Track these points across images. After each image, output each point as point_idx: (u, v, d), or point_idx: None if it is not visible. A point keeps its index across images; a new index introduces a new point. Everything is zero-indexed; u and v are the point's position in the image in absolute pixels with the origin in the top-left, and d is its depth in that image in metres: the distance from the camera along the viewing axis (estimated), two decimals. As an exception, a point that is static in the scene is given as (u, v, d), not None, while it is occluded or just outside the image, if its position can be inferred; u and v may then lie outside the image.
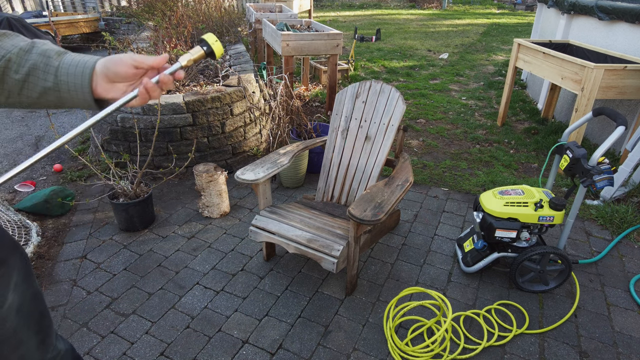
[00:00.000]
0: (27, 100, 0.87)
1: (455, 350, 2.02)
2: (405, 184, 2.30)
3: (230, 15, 6.56)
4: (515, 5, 16.23)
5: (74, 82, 0.85)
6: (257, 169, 2.38)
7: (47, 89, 0.85)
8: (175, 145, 3.50)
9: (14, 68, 0.83)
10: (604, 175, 2.12)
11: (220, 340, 2.07)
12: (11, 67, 0.83)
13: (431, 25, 12.36)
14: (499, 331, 2.14)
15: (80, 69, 0.85)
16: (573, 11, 4.52)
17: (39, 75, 0.84)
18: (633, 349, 2.05)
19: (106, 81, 0.87)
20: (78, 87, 0.86)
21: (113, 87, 0.87)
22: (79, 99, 0.88)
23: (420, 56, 8.34)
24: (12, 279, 1.02)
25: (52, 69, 0.84)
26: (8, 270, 1.01)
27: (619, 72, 3.28)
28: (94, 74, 0.86)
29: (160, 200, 3.27)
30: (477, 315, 2.23)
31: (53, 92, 0.87)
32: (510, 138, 4.51)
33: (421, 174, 3.73)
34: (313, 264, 2.61)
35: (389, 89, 2.68)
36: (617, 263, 2.65)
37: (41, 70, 0.84)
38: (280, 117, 3.74)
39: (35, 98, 0.87)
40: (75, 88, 0.86)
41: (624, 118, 2.11)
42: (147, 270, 2.54)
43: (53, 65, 0.84)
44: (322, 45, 4.43)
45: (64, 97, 0.87)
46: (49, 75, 0.85)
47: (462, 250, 2.61)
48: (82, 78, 0.85)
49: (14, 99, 0.87)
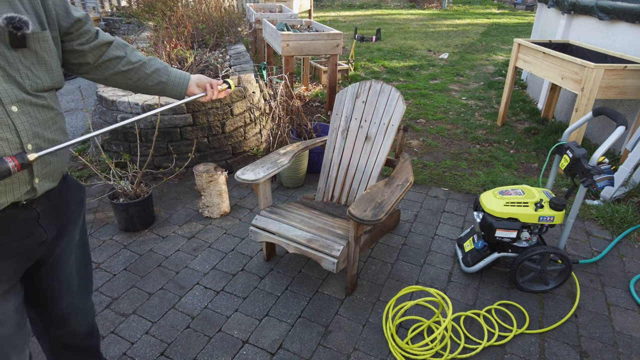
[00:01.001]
0: (143, 85, 1.46)
1: (455, 350, 2.02)
2: (406, 184, 2.30)
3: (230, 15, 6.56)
4: (515, 5, 16.23)
5: (179, 82, 1.51)
6: (257, 169, 2.38)
7: (161, 82, 1.48)
8: (175, 145, 3.50)
9: (146, 67, 1.44)
10: (604, 175, 2.12)
11: (220, 340, 2.07)
12: (144, 66, 1.43)
13: (431, 25, 12.36)
14: (499, 331, 2.14)
15: (184, 75, 1.52)
16: (573, 11, 4.52)
17: (160, 73, 1.47)
18: (633, 349, 2.05)
19: (195, 86, 1.55)
20: (180, 85, 1.51)
21: (196, 89, 1.55)
22: (175, 92, 1.52)
23: (420, 56, 8.35)
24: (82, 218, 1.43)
25: (168, 72, 1.49)
26: (83, 207, 1.43)
27: (619, 72, 3.28)
28: (190, 80, 1.53)
29: (160, 200, 3.27)
30: (478, 316, 2.23)
31: (163, 84, 1.48)
32: (511, 138, 4.51)
33: (421, 174, 3.73)
34: (313, 264, 2.61)
35: (389, 89, 2.68)
36: (617, 263, 2.65)
37: (162, 72, 1.47)
38: (280, 117, 3.74)
39: (150, 85, 1.47)
40: (179, 85, 1.51)
41: (624, 118, 2.11)
42: (147, 270, 2.54)
43: (169, 70, 1.49)
44: (322, 45, 4.43)
45: (167, 89, 1.50)
46: (165, 75, 1.48)
47: (462, 250, 2.61)
48: (184, 80, 1.52)
49: (138, 84, 1.45)
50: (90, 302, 1.56)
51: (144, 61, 1.43)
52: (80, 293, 1.47)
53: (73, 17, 1.21)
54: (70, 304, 1.44)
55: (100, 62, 1.34)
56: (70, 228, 1.35)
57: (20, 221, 1.15)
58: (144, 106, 3.37)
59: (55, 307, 1.41)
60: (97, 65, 1.33)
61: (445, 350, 2.02)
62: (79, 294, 1.47)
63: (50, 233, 1.26)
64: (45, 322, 1.46)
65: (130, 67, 1.40)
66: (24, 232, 1.17)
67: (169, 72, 1.48)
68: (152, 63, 1.45)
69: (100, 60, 1.33)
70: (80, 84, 6.31)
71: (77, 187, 1.39)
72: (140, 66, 1.42)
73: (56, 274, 1.36)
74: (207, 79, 1.56)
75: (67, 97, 5.71)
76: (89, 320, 1.57)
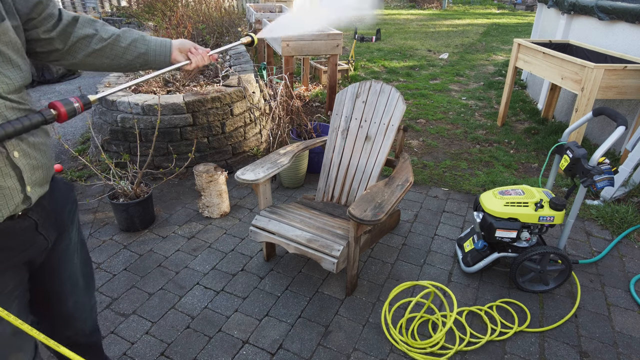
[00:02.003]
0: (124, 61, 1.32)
1: (454, 344, 2.02)
2: (406, 184, 2.30)
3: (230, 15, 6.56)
4: (515, 5, 16.23)
5: (161, 50, 1.37)
6: (257, 169, 2.38)
7: (141, 53, 1.33)
8: (175, 145, 3.50)
9: (121, 40, 1.29)
10: (604, 175, 2.12)
11: (220, 340, 2.07)
12: (119, 40, 1.29)
13: (431, 25, 12.36)
14: (501, 327, 2.15)
15: (164, 43, 1.38)
16: (573, 11, 4.52)
17: (137, 45, 1.32)
18: (633, 349, 2.05)
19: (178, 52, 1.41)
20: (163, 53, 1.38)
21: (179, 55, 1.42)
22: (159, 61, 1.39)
23: (420, 56, 8.35)
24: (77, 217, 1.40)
25: (146, 41, 1.34)
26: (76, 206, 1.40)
27: (619, 72, 3.28)
28: (173, 46, 1.39)
29: (160, 201, 3.27)
30: (480, 312, 2.23)
31: (144, 56, 1.34)
32: (511, 138, 4.51)
33: (421, 174, 3.73)
34: (313, 264, 2.61)
35: (389, 89, 2.68)
36: (617, 263, 2.65)
37: (140, 42, 1.33)
38: (280, 117, 3.74)
39: (130, 60, 1.32)
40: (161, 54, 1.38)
41: (624, 118, 2.11)
42: (147, 270, 2.54)
43: (147, 39, 1.34)
44: (322, 45, 4.43)
45: (149, 60, 1.36)
46: (144, 45, 1.33)
47: (462, 250, 2.61)
48: (166, 48, 1.38)
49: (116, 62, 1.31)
50: (93, 299, 1.57)
51: (117, 34, 1.29)
52: (85, 291, 1.48)
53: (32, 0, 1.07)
54: (76, 303, 1.45)
55: (70, 45, 1.20)
56: (69, 229, 1.35)
57: (19, 233, 1.12)
58: (143, 106, 3.37)
59: (63, 307, 1.41)
60: (67, 50, 1.20)
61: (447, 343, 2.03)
62: (84, 292, 1.48)
63: (51, 239, 1.24)
64: (52, 323, 1.46)
65: (103, 44, 1.25)
66: (25, 243, 1.15)
67: (148, 41, 1.34)
68: (127, 35, 1.31)
69: (69, 42, 1.19)
70: (80, 84, 6.30)
71: (66, 187, 1.36)
72: (114, 41, 1.27)
73: (61, 275, 1.35)
74: (190, 43, 1.43)
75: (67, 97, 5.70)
76: (93, 318, 1.59)
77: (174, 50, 1.39)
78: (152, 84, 3.80)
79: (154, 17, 6.33)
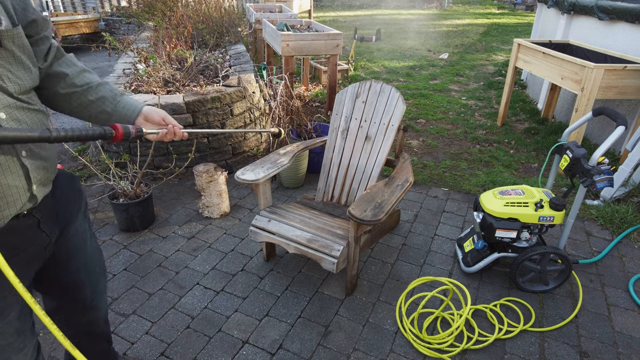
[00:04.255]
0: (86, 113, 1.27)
1: (461, 342, 2.03)
2: (406, 184, 2.30)
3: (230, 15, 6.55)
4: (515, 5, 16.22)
5: (126, 114, 1.29)
6: (257, 169, 2.38)
7: (105, 111, 1.27)
8: (175, 145, 3.50)
9: (91, 92, 1.25)
10: (604, 175, 2.12)
11: (220, 340, 2.07)
12: (89, 91, 1.24)
13: (431, 25, 12.36)
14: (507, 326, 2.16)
15: (133, 107, 1.30)
16: (573, 11, 4.52)
17: (105, 102, 1.26)
18: (633, 349, 2.05)
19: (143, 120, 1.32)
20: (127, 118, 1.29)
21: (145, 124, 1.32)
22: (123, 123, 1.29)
23: (420, 56, 8.35)
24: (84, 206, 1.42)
25: (115, 102, 1.28)
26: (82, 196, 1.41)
27: (618, 72, 3.28)
28: (140, 114, 1.31)
29: (160, 201, 3.27)
30: (485, 310, 2.23)
31: (107, 114, 1.28)
32: (510, 138, 4.51)
33: (421, 174, 3.73)
34: (313, 264, 2.61)
35: (389, 89, 2.68)
36: (617, 263, 2.65)
37: (109, 100, 1.27)
38: (280, 117, 3.74)
39: (92, 114, 1.28)
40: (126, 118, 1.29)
41: (624, 118, 2.11)
42: (147, 270, 2.54)
43: (117, 100, 1.28)
44: (322, 46, 4.43)
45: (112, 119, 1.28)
46: (111, 105, 1.27)
47: (462, 250, 2.61)
48: (133, 113, 1.30)
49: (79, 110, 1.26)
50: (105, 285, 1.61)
51: (90, 85, 1.24)
52: (100, 277, 1.52)
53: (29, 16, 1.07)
54: (93, 291, 1.49)
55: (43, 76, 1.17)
56: (77, 220, 1.37)
57: (22, 232, 1.13)
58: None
59: (81, 295, 1.45)
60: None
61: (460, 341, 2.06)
62: (100, 278, 1.52)
63: (53, 235, 1.25)
64: (68, 313, 1.49)
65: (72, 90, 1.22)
66: (27, 242, 1.16)
67: (117, 102, 1.28)
68: (100, 89, 1.26)
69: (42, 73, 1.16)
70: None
71: (70, 179, 1.35)
72: (84, 91, 1.23)
73: (75, 266, 1.38)
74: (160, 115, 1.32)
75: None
76: (106, 307, 1.64)
77: (139, 117, 1.30)
78: (152, 84, 3.80)
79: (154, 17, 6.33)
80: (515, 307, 2.28)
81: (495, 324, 2.16)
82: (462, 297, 2.35)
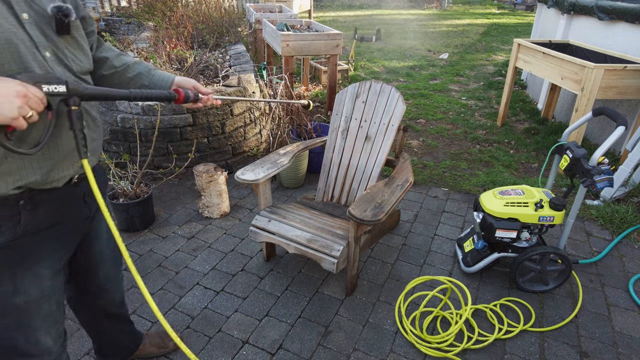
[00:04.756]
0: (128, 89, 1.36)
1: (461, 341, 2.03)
2: (406, 184, 2.30)
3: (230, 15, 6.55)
4: (515, 5, 16.23)
5: (162, 85, 1.46)
6: (257, 169, 2.38)
7: (143, 85, 1.45)
8: (175, 145, 3.50)
9: (129, 71, 1.44)
10: (604, 175, 2.12)
11: (220, 340, 2.07)
12: (127, 70, 1.43)
13: (431, 25, 12.37)
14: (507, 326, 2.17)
15: (166, 78, 1.48)
16: (573, 11, 4.52)
17: (142, 77, 1.45)
18: (633, 349, 2.05)
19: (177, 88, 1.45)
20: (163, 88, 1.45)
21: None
22: None
23: (420, 56, 8.35)
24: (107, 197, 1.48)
25: (150, 75, 1.46)
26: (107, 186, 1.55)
27: (618, 72, 3.28)
28: (173, 83, 1.48)
29: (160, 201, 3.27)
30: (485, 309, 2.23)
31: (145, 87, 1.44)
32: (510, 138, 4.51)
33: (421, 174, 3.73)
34: (313, 264, 2.61)
35: (389, 89, 2.68)
36: (617, 263, 2.65)
37: (144, 75, 1.46)
38: (280, 117, 3.74)
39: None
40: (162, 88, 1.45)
41: (624, 118, 2.11)
42: (147, 270, 2.54)
43: (151, 73, 1.47)
44: (322, 46, 4.43)
45: None
46: (147, 79, 1.45)
47: (462, 250, 2.61)
48: (167, 83, 1.47)
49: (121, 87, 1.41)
50: (121, 272, 1.69)
51: (127, 65, 1.44)
52: (113, 264, 1.60)
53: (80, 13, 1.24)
54: (106, 275, 1.57)
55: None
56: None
57: (70, 200, 1.26)
58: (143, 106, 3.37)
59: (94, 278, 1.53)
60: None
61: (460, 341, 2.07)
62: (112, 265, 1.60)
63: (92, 210, 1.38)
64: (84, 295, 1.59)
65: (112, 71, 1.41)
66: (74, 210, 1.29)
67: (152, 76, 1.46)
68: (136, 67, 1.45)
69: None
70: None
71: (102, 170, 1.52)
72: (123, 70, 1.42)
73: (94, 248, 1.47)
74: (189, 83, 1.50)
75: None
76: (122, 290, 1.73)
77: (173, 85, 1.47)
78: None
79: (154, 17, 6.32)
80: (515, 307, 2.28)
81: (495, 324, 2.16)
82: (461, 296, 2.35)
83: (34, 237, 1.17)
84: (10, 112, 0.89)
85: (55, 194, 1.19)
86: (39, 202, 1.15)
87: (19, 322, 1.21)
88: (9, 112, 0.89)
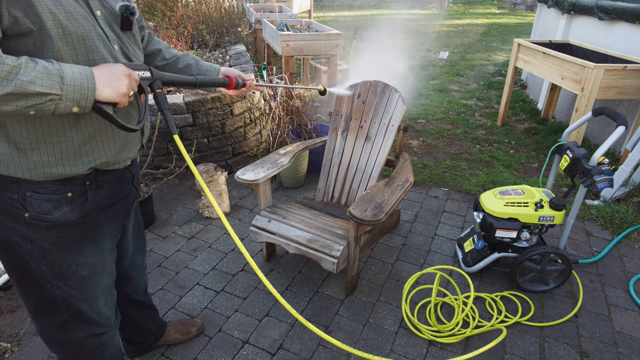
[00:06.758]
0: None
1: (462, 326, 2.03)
2: (406, 184, 2.30)
3: (230, 15, 6.55)
4: (515, 5, 16.23)
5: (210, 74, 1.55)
6: (257, 169, 2.38)
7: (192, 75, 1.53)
8: (175, 145, 3.50)
9: (179, 62, 1.53)
10: (605, 175, 2.12)
11: (220, 340, 2.07)
12: (177, 62, 1.53)
13: (431, 25, 12.36)
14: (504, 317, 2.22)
15: (213, 68, 1.59)
16: (573, 11, 4.52)
17: (191, 68, 1.55)
18: (633, 349, 2.05)
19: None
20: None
21: None
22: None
23: (420, 56, 8.34)
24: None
25: (198, 66, 1.56)
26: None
27: (619, 72, 3.28)
28: (219, 72, 1.58)
29: (160, 201, 3.27)
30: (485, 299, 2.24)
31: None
32: (511, 138, 4.51)
33: (421, 174, 3.73)
34: (313, 264, 2.61)
35: (389, 89, 2.68)
36: (617, 263, 2.65)
37: (193, 66, 1.55)
38: (280, 117, 3.74)
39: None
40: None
41: (624, 118, 2.11)
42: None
43: (199, 64, 1.57)
44: (322, 46, 4.43)
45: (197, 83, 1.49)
46: (195, 69, 1.55)
47: (462, 250, 2.61)
48: (214, 73, 1.58)
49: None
50: (145, 262, 1.77)
51: (177, 56, 1.54)
52: (138, 252, 1.68)
53: None
54: (131, 263, 1.64)
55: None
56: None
57: (123, 182, 1.36)
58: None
59: (120, 265, 1.58)
60: None
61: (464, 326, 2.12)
62: (137, 253, 1.68)
63: (137, 194, 1.49)
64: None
65: (164, 62, 1.51)
66: (125, 191, 1.38)
67: (200, 66, 1.56)
68: (185, 58, 1.55)
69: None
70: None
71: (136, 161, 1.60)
72: (174, 62, 1.52)
73: (124, 235, 1.53)
74: (234, 72, 1.62)
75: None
76: (145, 279, 1.80)
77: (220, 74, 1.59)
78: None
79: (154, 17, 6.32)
80: (514, 300, 2.32)
81: (494, 315, 2.19)
82: (457, 286, 2.35)
83: (98, 215, 1.28)
84: (126, 88, 1.05)
85: (114, 175, 1.29)
86: (102, 183, 1.26)
87: (85, 292, 1.32)
88: (125, 88, 1.04)
